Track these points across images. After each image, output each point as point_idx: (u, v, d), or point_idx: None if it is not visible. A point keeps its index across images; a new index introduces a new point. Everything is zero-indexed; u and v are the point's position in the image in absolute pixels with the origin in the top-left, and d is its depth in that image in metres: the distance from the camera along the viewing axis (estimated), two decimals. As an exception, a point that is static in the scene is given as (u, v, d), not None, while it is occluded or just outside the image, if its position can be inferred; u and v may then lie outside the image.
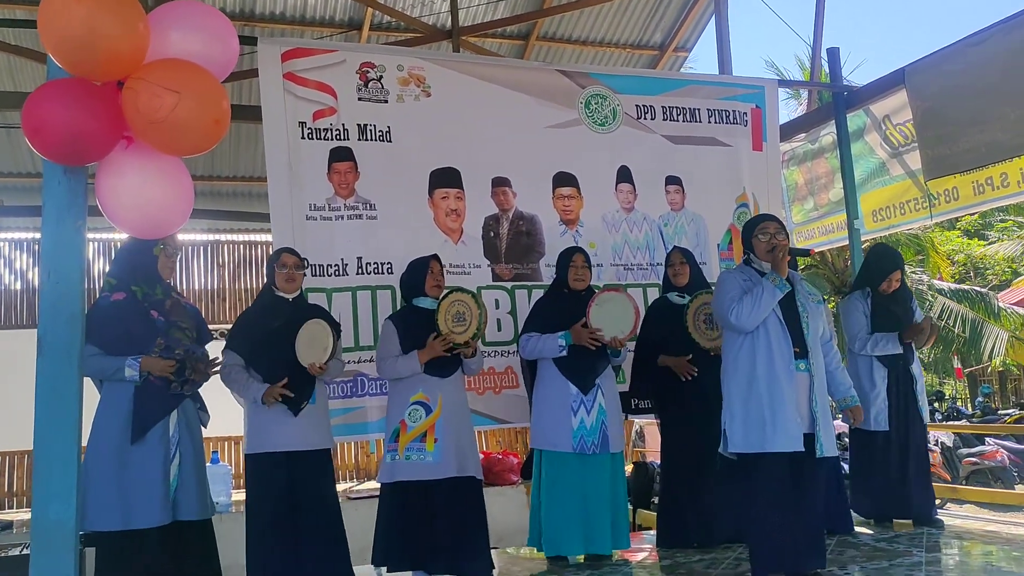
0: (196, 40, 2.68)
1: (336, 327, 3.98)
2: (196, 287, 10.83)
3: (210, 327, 4.00)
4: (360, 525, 4.49)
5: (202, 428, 3.71)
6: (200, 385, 3.65)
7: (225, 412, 5.06)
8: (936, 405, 15.33)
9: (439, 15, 7.71)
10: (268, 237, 8.67)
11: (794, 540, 3.51)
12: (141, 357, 3.41)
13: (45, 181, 2.65)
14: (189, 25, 2.68)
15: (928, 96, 5.47)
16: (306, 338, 3.81)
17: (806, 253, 3.88)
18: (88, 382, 3.09)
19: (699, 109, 5.77)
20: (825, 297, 5.47)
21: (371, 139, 4.88)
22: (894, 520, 4.85)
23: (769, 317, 3.58)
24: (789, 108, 16.30)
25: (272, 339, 3.80)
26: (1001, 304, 15.93)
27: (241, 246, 11.08)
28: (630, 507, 5.89)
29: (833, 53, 6.46)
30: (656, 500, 5.07)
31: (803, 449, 3.50)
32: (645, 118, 5.61)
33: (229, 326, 10.35)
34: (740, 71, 7.54)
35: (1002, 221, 21.71)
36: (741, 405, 3.58)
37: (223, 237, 10.99)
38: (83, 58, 2.46)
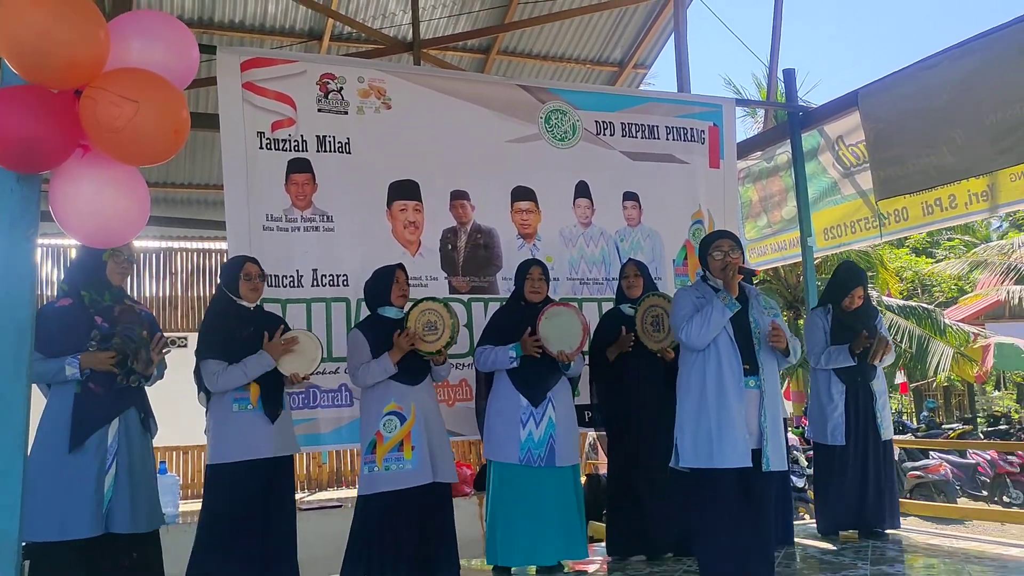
0: (156, 49, 2.65)
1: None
2: (148, 294, 10.67)
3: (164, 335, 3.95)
4: (311, 537, 4.45)
5: (150, 438, 3.64)
6: (148, 378, 3.58)
7: (173, 420, 5.00)
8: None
9: (400, 27, 7.71)
10: (221, 245, 8.61)
11: (743, 554, 3.56)
12: (80, 355, 3.37)
13: (-4, 188, 2.60)
14: (149, 34, 2.65)
15: (880, 118, 5.59)
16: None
17: (752, 273, 3.95)
18: (36, 391, 3.04)
19: (657, 126, 5.84)
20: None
21: (330, 151, 4.86)
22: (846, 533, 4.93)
23: (720, 335, 3.64)
24: (745, 126, 16.59)
25: (243, 347, 3.79)
26: (947, 321, 16.31)
27: (194, 254, 10.95)
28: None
29: (789, 74, 6.59)
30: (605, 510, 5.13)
31: (750, 465, 3.56)
32: (604, 134, 5.67)
33: (181, 334, 10.21)
34: (698, 88, 7.66)
35: (949, 240, 22.30)
36: (692, 421, 3.64)
37: (176, 244, 10.85)
38: (40, 65, 2.41)
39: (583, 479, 7.25)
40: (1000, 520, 6.26)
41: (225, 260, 4.36)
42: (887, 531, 4.92)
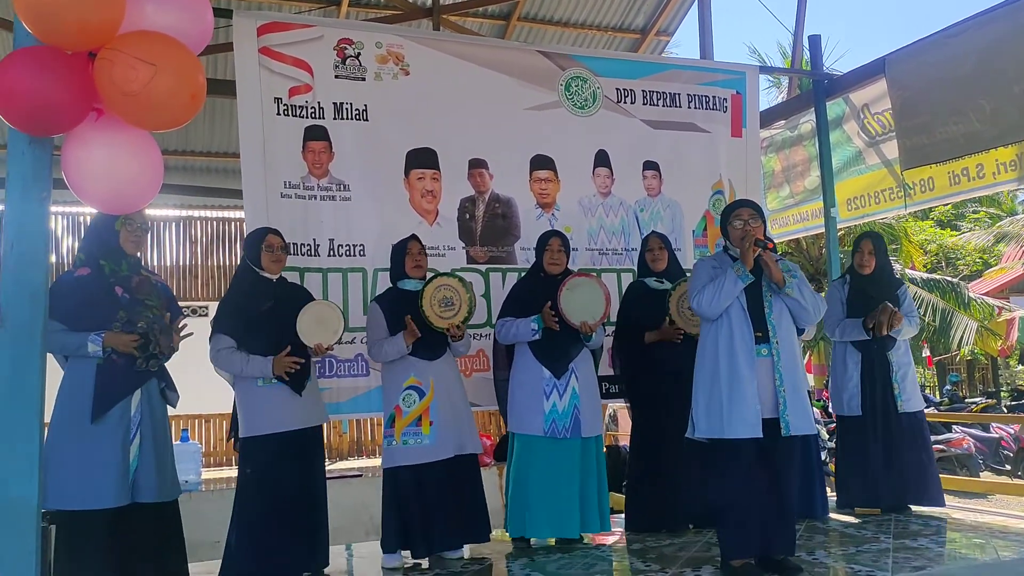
0: (171, 13, 2.62)
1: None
2: (168, 263, 10.71)
3: (182, 303, 3.96)
4: (331, 506, 4.47)
5: (168, 408, 3.65)
6: (167, 359, 3.58)
7: (196, 389, 5.02)
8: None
9: (419, -8, 7.62)
10: (241, 214, 8.58)
11: (762, 525, 3.52)
12: (104, 332, 3.35)
13: (9, 151, 2.58)
14: (164, -3, 2.62)
15: (907, 86, 5.48)
16: (311, 318, 3.83)
17: (763, 245, 3.89)
18: (51, 359, 3.04)
19: (679, 94, 5.74)
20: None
21: (347, 118, 4.81)
22: (860, 508, 4.87)
23: (732, 304, 3.58)
24: (770, 96, 16.35)
25: (265, 320, 3.79)
26: (971, 294, 16.11)
27: (214, 222, 10.96)
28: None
29: (814, 41, 6.47)
30: (627, 476, 5.12)
31: (761, 436, 3.50)
32: (625, 102, 5.58)
33: (201, 303, 10.27)
34: (722, 56, 7.53)
35: (975, 212, 21.97)
36: (705, 391, 3.61)
37: (195, 213, 10.86)
38: (56, 26, 2.38)
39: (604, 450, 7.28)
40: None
41: (244, 228, 4.33)
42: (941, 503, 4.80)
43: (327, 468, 8.65)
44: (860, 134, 6.50)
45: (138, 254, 3.65)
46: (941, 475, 5.05)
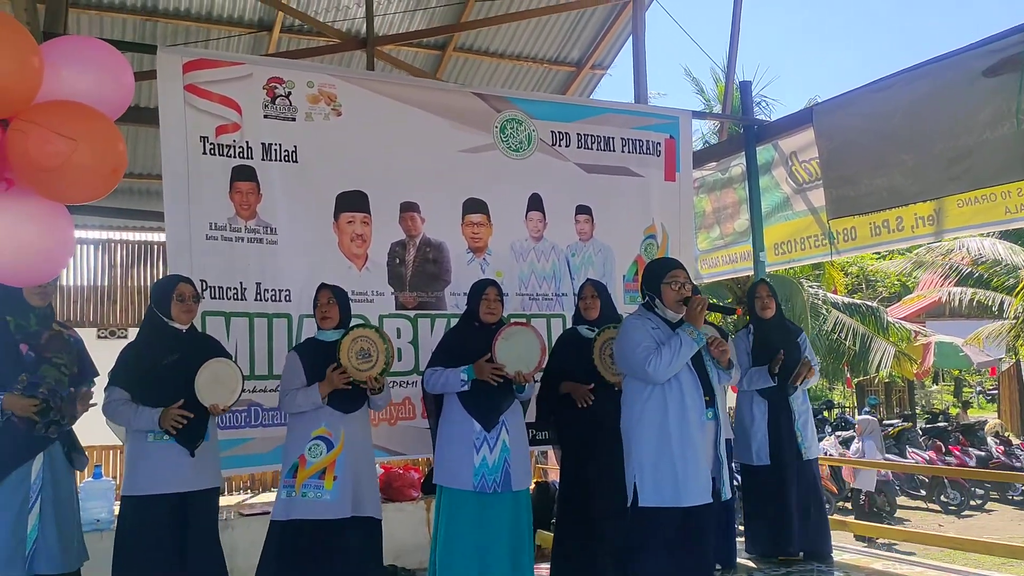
0: (89, 77, 2.50)
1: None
2: (86, 285, 10.32)
3: (101, 328, 3.79)
4: (251, 545, 4.30)
5: (75, 473, 3.48)
6: (69, 426, 3.43)
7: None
8: (825, 414, 15.95)
9: (354, 21, 7.50)
10: (163, 237, 8.32)
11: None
12: (3, 394, 3.20)
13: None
14: (81, 62, 2.49)
15: (834, 137, 5.59)
16: (209, 377, 3.66)
17: (731, 311, 3.90)
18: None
19: (613, 138, 5.76)
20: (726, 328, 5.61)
21: (276, 159, 4.70)
22: (780, 556, 4.93)
23: (682, 369, 3.58)
24: (700, 124, 16.59)
25: (166, 374, 3.62)
26: (890, 319, 16.61)
27: (134, 245, 10.63)
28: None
29: (745, 87, 6.58)
30: (555, 521, 5.09)
31: (711, 500, 3.52)
32: (560, 145, 5.58)
33: (121, 328, 9.89)
34: (658, 79, 7.63)
35: (894, 238, 22.62)
36: (650, 458, 3.54)
37: (115, 235, 10.52)
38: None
39: (532, 486, 7.23)
40: (934, 544, 6.33)
41: (165, 253, 4.17)
42: (828, 554, 4.94)
43: (249, 502, 8.40)
44: (788, 180, 6.62)
45: (47, 305, 3.48)
46: (863, 522, 5.15)
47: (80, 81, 2.47)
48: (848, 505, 10.84)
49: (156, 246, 10.52)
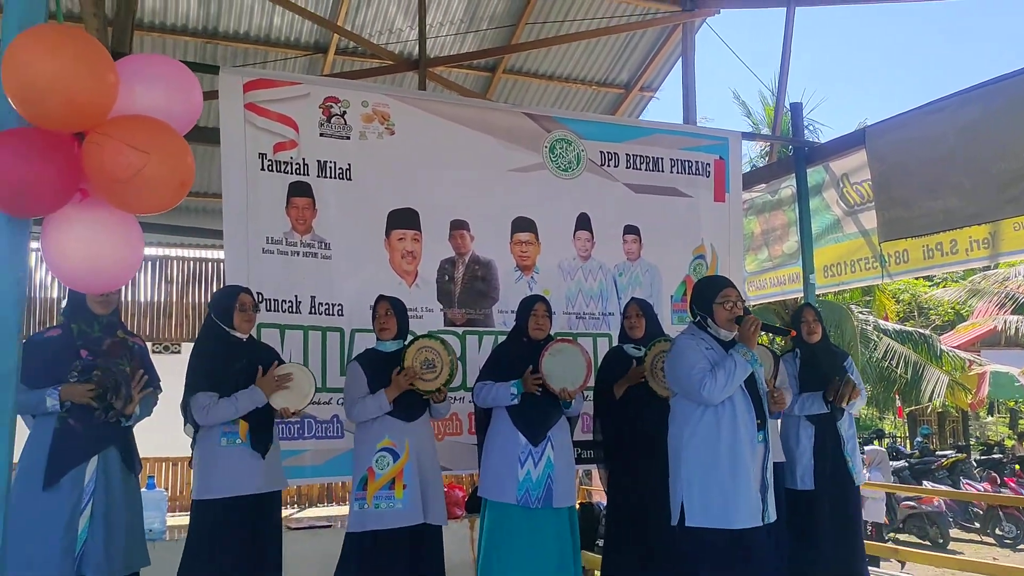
0: (160, 93, 2.58)
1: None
2: (143, 301, 10.59)
3: (156, 342, 3.90)
4: (298, 558, 4.35)
5: (134, 477, 3.57)
6: (129, 414, 3.50)
7: (163, 431, 4.90)
8: (876, 443, 15.63)
9: (407, 44, 7.66)
10: (218, 254, 8.52)
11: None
12: (60, 386, 3.30)
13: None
14: (153, 78, 2.58)
15: (886, 159, 5.56)
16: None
17: (785, 332, 3.86)
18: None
19: (662, 159, 5.78)
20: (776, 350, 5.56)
21: (330, 176, 4.80)
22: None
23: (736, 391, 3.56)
24: (748, 147, 16.51)
25: (238, 380, 3.72)
26: (943, 347, 16.26)
27: (190, 262, 10.89)
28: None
29: (796, 108, 6.55)
30: (600, 543, 5.05)
31: (760, 524, 3.50)
32: (608, 165, 5.61)
33: (175, 343, 10.11)
34: (706, 104, 7.64)
35: (948, 266, 22.17)
36: (699, 478, 3.52)
37: (172, 252, 10.80)
38: (48, 109, 2.33)
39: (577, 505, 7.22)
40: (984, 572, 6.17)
41: (221, 270, 4.28)
42: None
43: (295, 516, 8.48)
44: (839, 202, 6.58)
45: (112, 312, 3.58)
46: (911, 534, 5.04)
47: (152, 97, 2.56)
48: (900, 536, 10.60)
49: (211, 263, 10.77)
